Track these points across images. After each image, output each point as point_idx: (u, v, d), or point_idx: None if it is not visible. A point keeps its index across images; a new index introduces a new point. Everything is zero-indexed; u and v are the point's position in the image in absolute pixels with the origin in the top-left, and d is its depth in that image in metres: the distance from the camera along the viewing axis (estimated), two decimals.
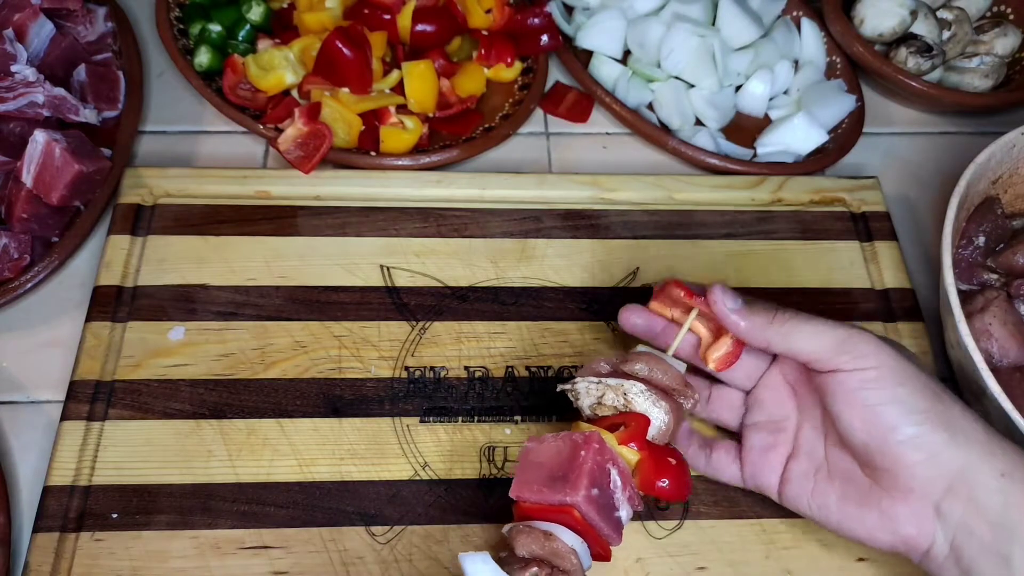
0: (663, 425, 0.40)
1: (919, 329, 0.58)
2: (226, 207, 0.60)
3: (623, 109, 0.67)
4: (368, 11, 0.66)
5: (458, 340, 0.55)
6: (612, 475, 0.38)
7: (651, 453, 0.39)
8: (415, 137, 0.64)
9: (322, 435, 0.51)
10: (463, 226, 0.61)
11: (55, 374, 0.53)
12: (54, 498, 0.48)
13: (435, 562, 0.47)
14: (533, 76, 0.69)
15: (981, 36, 0.74)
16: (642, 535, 0.49)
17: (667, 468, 0.39)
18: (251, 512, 0.48)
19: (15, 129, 0.59)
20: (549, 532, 0.36)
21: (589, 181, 0.63)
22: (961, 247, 0.58)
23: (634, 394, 0.40)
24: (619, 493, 0.38)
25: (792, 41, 0.73)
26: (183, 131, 0.66)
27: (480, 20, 0.70)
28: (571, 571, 0.35)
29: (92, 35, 0.67)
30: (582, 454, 0.37)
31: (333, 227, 0.60)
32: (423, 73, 0.65)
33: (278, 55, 0.63)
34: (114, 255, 0.57)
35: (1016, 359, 0.53)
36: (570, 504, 0.36)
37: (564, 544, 0.36)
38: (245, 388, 0.52)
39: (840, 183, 0.65)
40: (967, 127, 0.73)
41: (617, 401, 0.40)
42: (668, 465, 0.40)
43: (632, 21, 0.72)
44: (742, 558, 0.49)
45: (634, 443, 0.39)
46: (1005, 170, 0.59)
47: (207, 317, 0.55)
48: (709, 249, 0.61)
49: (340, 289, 0.57)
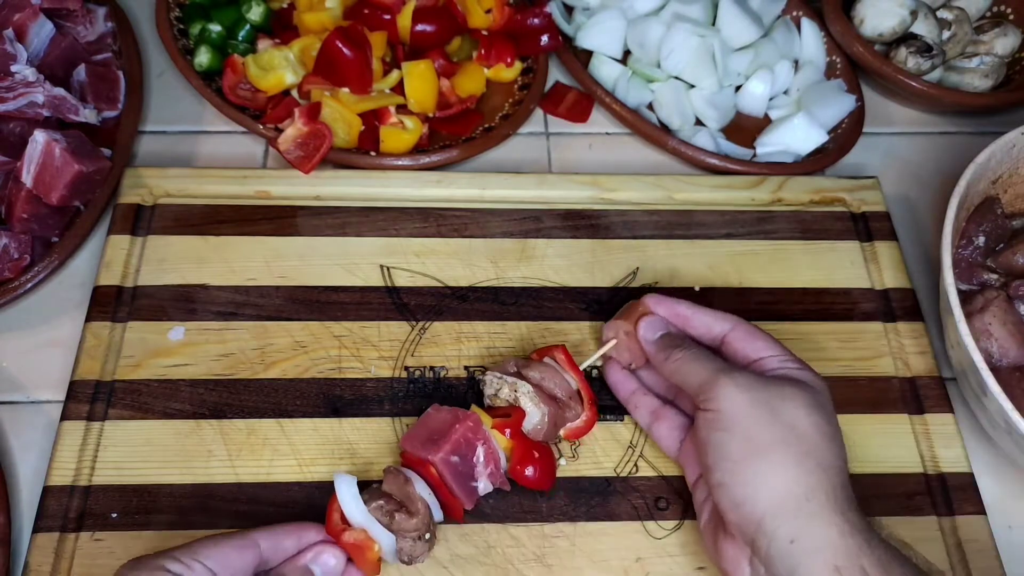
0: (538, 423, 0.47)
1: (919, 329, 0.58)
2: (226, 207, 0.60)
3: (623, 109, 0.67)
4: (368, 11, 0.66)
5: (458, 340, 0.55)
6: (478, 450, 0.45)
7: (521, 443, 0.47)
8: (415, 137, 0.64)
9: (322, 435, 0.51)
10: (463, 226, 0.61)
11: (55, 374, 0.53)
12: (54, 498, 0.48)
13: (435, 562, 0.47)
14: (533, 76, 0.69)
15: (981, 36, 0.74)
16: (642, 535, 0.49)
17: (532, 459, 0.47)
18: (251, 512, 0.48)
19: (15, 129, 0.59)
20: (408, 478, 0.44)
21: (589, 181, 0.63)
22: (961, 247, 0.58)
23: (522, 393, 0.47)
24: (480, 467, 0.45)
25: (792, 41, 0.73)
26: (183, 131, 0.66)
27: (480, 20, 0.70)
28: (415, 514, 0.43)
29: (92, 35, 0.67)
30: (456, 427, 0.45)
31: (333, 227, 0.60)
32: (423, 73, 0.65)
33: (278, 55, 0.63)
34: (114, 255, 0.57)
35: (1016, 359, 0.53)
36: (430, 461, 0.44)
37: (415, 491, 0.43)
38: (245, 388, 0.52)
39: (840, 183, 0.65)
40: (967, 127, 0.73)
41: (509, 396, 0.47)
42: (533, 457, 0.47)
43: (632, 21, 0.72)
44: None
45: (509, 431, 0.46)
46: (1005, 170, 0.59)
47: (207, 317, 0.55)
48: (709, 249, 0.61)
49: (340, 289, 0.57)
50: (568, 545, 0.49)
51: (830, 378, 0.55)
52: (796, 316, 0.59)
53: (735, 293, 0.59)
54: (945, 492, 0.52)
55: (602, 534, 0.49)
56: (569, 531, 0.49)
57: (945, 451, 0.53)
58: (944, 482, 0.52)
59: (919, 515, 0.51)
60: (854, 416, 0.54)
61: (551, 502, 0.50)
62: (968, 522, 0.51)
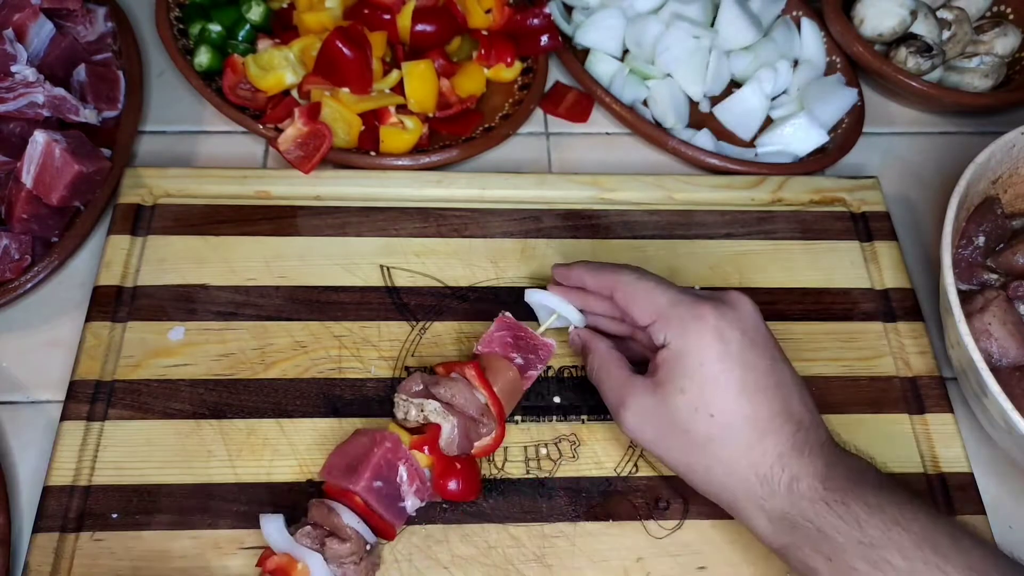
0: (449, 436, 0.47)
1: (919, 329, 0.58)
2: (226, 207, 0.60)
3: (623, 109, 0.67)
4: (368, 11, 0.66)
5: (458, 340, 0.55)
6: (400, 471, 0.45)
7: (440, 458, 0.47)
8: (415, 137, 0.63)
9: (322, 435, 0.51)
10: (463, 226, 0.61)
11: (55, 374, 0.53)
12: (54, 498, 0.48)
13: (435, 562, 0.47)
14: (533, 76, 0.69)
15: (981, 36, 0.74)
16: (642, 535, 0.49)
17: (454, 472, 0.47)
18: (251, 512, 0.48)
19: (15, 129, 0.59)
20: (332, 508, 0.44)
21: (589, 181, 0.63)
22: (961, 247, 0.58)
23: (430, 411, 0.47)
24: (405, 486, 0.45)
25: (792, 41, 0.73)
26: (183, 131, 0.66)
27: (480, 20, 0.70)
28: (347, 539, 0.43)
29: (92, 35, 0.66)
30: (375, 451, 0.45)
31: (333, 227, 0.60)
32: (423, 73, 0.65)
33: (278, 55, 0.63)
34: (114, 255, 0.57)
35: (1016, 359, 0.53)
36: (352, 491, 0.44)
37: (342, 520, 0.43)
38: (245, 388, 0.52)
39: (840, 183, 0.65)
40: (967, 127, 0.73)
41: (419, 416, 0.47)
42: (455, 469, 0.47)
43: (631, 19, 0.72)
44: (742, 558, 0.49)
45: (427, 447, 0.46)
46: (1005, 170, 0.59)
47: (207, 317, 0.55)
48: (709, 249, 0.61)
49: (340, 289, 0.57)
50: (568, 545, 0.49)
51: (830, 378, 0.56)
52: (796, 316, 0.59)
53: None
54: (945, 492, 0.52)
55: (602, 534, 0.49)
56: (569, 531, 0.49)
57: (945, 451, 0.53)
58: (944, 482, 0.52)
59: None
60: (854, 416, 0.54)
61: (551, 502, 0.50)
62: (968, 522, 0.51)
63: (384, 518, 0.45)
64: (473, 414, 0.48)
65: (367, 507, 0.44)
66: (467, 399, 0.47)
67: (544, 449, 0.52)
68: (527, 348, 0.51)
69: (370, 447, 0.45)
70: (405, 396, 0.48)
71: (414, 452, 0.46)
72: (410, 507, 0.46)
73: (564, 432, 0.52)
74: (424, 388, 0.48)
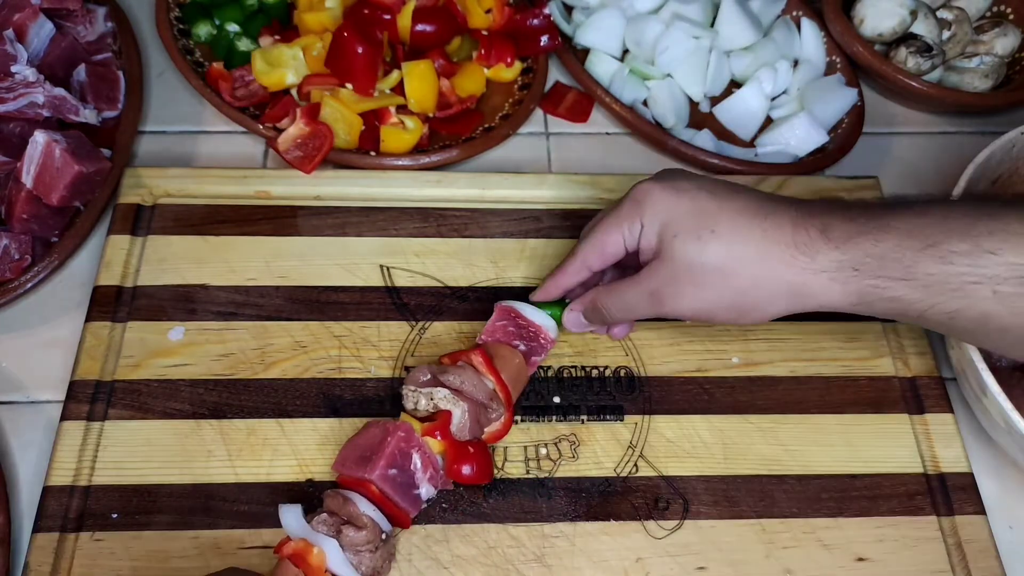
0: (460, 421, 0.47)
1: (919, 329, 0.58)
2: (226, 207, 0.60)
3: (623, 109, 0.67)
4: (368, 11, 0.66)
5: (458, 340, 0.55)
6: (414, 459, 0.46)
7: (453, 443, 0.47)
8: (415, 137, 0.64)
9: (322, 435, 0.51)
10: (463, 226, 0.61)
11: (55, 374, 0.53)
12: (54, 498, 0.48)
13: (435, 562, 0.47)
14: (533, 76, 0.69)
15: (981, 36, 0.74)
16: (642, 535, 0.49)
17: (467, 456, 0.47)
18: (251, 512, 0.48)
19: (15, 129, 0.59)
20: (348, 498, 0.44)
21: (589, 181, 0.63)
22: None
23: (439, 398, 0.47)
24: (419, 474, 0.46)
25: (792, 41, 0.73)
26: (183, 131, 0.66)
27: (480, 20, 0.70)
28: (363, 528, 0.43)
29: (92, 35, 0.66)
30: (388, 440, 0.45)
31: (333, 227, 0.60)
32: (423, 73, 0.65)
33: (287, 52, 0.63)
34: (114, 255, 0.57)
35: (1016, 359, 0.53)
36: (367, 480, 0.45)
37: (358, 509, 0.44)
38: (245, 388, 0.52)
39: (840, 183, 0.65)
40: (967, 127, 0.73)
41: (428, 405, 0.48)
42: (468, 454, 0.47)
43: (631, 19, 0.72)
44: (742, 558, 0.49)
45: (439, 433, 0.47)
46: (1005, 170, 0.59)
47: (207, 317, 0.55)
48: None
49: (340, 289, 0.57)
50: (568, 545, 0.49)
51: (830, 378, 0.56)
52: (796, 316, 0.58)
53: None
54: (945, 492, 0.52)
55: (602, 534, 0.49)
56: (569, 531, 0.49)
57: (945, 451, 0.53)
58: (944, 482, 0.52)
59: (919, 515, 0.51)
60: (854, 416, 0.54)
61: (551, 502, 0.50)
62: (968, 522, 0.51)
63: (399, 506, 0.45)
64: (482, 399, 0.48)
65: (383, 496, 0.45)
66: (476, 385, 0.48)
67: (544, 449, 0.52)
68: (529, 336, 0.51)
69: (383, 437, 0.46)
70: (414, 387, 0.48)
71: (427, 439, 0.47)
72: (424, 495, 0.46)
73: (564, 432, 0.52)
74: (432, 377, 0.48)
